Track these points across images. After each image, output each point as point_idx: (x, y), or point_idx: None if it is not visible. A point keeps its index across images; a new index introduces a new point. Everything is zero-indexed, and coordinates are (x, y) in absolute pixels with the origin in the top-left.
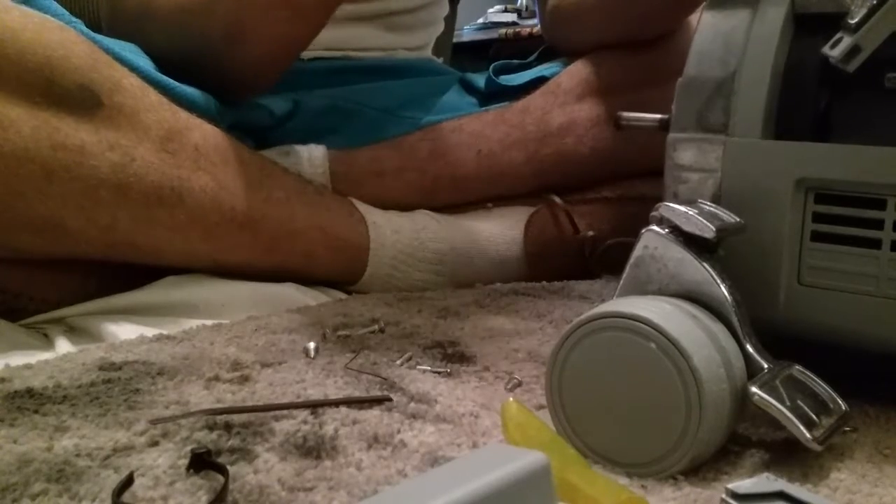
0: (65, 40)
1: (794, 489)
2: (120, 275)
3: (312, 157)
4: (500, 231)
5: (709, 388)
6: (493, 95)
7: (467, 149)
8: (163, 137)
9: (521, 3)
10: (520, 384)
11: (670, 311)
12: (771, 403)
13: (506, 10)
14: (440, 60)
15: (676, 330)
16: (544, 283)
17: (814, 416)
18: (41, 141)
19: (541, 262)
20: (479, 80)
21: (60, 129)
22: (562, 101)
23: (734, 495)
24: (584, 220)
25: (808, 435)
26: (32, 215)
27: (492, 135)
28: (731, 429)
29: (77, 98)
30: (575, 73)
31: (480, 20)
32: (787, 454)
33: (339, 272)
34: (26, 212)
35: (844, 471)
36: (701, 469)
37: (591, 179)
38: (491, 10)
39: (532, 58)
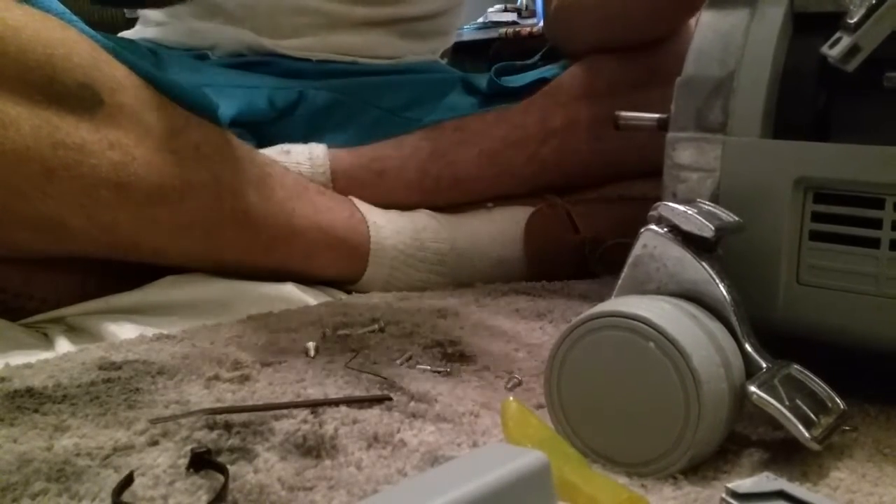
0: (66, 39)
1: (794, 488)
2: (120, 274)
3: (313, 156)
4: (500, 231)
5: (707, 388)
6: (495, 96)
7: (468, 149)
8: (163, 136)
9: (521, 3)
10: (520, 383)
11: (669, 310)
12: (770, 403)
13: (506, 10)
14: (444, 61)
15: (675, 329)
16: (544, 282)
17: (812, 416)
18: (41, 139)
19: (541, 261)
20: (481, 80)
21: (61, 128)
22: (563, 101)
23: (734, 494)
24: (585, 220)
25: (806, 434)
26: (33, 214)
27: (493, 135)
28: (730, 428)
29: (78, 96)
30: (576, 75)
31: (480, 20)
32: (786, 453)
33: (340, 272)
34: (26, 210)
35: (844, 470)
36: (701, 468)
37: (592, 180)
38: (491, 10)
39: (534, 59)
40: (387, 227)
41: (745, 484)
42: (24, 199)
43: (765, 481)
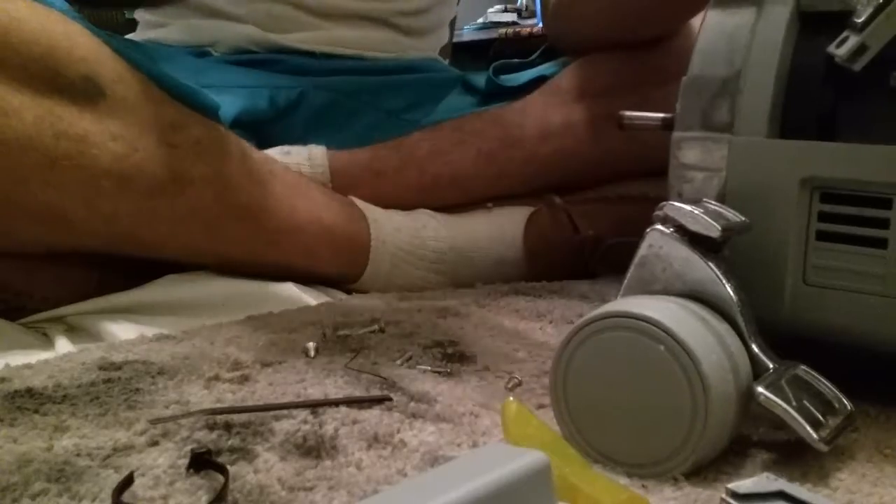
0: (70, 32)
1: (794, 489)
2: (121, 272)
3: (313, 156)
4: (500, 231)
5: (716, 391)
6: (494, 95)
7: (467, 148)
8: (165, 130)
9: (521, 3)
10: (520, 384)
11: (678, 312)
12: (777, 403)
13: (506, 10)
14: (446, 62)
15: (686, 332)
16: (544, 282)
17: (820, 417)
18: (44, 129)
19: (541, 261)
20: (480, 79)
21: (63, 119)
22: (561, 100)
23: (734, 495)
24: (584, 219)
25: (814, 435)
26: (34, 204)
27: (491, 134)
28: (737, 429)
29: (80, 88)
30: (575, 73)
31: (480, 20)
32: (787, 454)
33: (340, 269)
34: (28, 200)
35: (844, 471)
36: (701, 469)
37: (591, 179)
38: (491, 10)
39: (533, 57)
40: (387, 224)
41: (745, 484)
42: (26, 189)
43: (765, 482)
